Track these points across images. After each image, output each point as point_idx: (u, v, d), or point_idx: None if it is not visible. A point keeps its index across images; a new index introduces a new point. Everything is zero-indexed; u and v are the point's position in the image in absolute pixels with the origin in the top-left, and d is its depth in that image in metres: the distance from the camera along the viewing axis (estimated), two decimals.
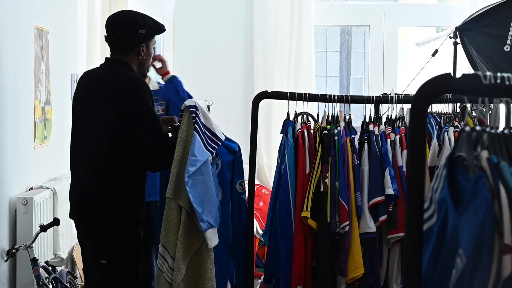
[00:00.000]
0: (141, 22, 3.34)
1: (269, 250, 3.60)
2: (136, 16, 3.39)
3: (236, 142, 3.61)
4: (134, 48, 3.33)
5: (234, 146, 3.58)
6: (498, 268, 1.31)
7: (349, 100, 3.58)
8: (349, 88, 7.61)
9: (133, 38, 3.32)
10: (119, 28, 3.34)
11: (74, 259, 5.09)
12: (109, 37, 3.35)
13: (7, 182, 4.13)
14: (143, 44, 3.34)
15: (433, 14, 6.79)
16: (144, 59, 3.38)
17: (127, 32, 3.32)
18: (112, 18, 3.39)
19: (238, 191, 3.58)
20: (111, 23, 3.36)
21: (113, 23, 3.36)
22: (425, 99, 1.44)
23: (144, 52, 3.36)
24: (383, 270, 3.47)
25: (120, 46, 3.33)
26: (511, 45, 4.72)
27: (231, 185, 3.56)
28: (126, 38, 3.33)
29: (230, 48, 6.37)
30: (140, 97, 3.20)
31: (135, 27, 3.32)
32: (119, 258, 3.26)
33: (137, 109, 3.19)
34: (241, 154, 3.60)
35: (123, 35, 3.33)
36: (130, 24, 3.33)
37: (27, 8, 4.52)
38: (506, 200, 1.34)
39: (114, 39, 3.34)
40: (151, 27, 3.38)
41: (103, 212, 3.23)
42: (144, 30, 3.33)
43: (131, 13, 3.52)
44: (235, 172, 3.57)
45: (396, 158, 3.46)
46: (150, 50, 3.41)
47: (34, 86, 4.59)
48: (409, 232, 1.45)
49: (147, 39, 3.36)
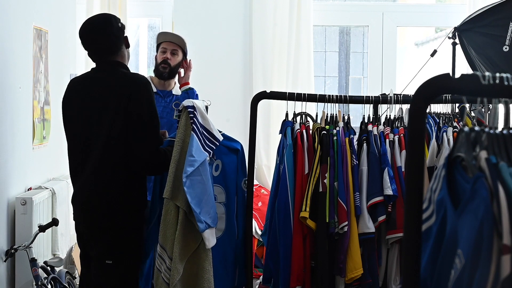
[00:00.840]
0: (114, 17, 3.38)
1: (268, 251, 3.59)
2: (105, 15, 3.42)
3: (238, 141, 3.60)
4: (123, 42, 3.37)
5: (235, 145, 3.57)
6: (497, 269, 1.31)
7: (348, 100, 3.59)
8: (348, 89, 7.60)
9: (119, 34, 3.35)
10: (102, 33, 3.32)
11: (73, 259, 5.09)
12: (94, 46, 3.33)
13: (6, 182, 4.13)
14: (125, 34, 3.39)
15: (432, 15, 6.79)
16: (128, 48, 3.42)
17: (112, 31, 3.33)
18: (87, 28, 3.34)
19: (244, 190, 3.57)
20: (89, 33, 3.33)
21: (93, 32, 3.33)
22: (424, 99, 1.44)
23: (127, 41, 3.40)
24: (382, 270, 3.47)
25: (110, 48, 3.34)
26: (510, 45, 4.72)
27: (236, 185, 3.55)
28: (113, 37, 3.33)
29: (229, 48, 6.37)
30: (145, 98, 3.21)
31: (114, 24, 3.35)
32: (125, 257, 3.27)
33: (141, 109, 3.19)
34: (244, 152, 3.60)
35: (109, 36, 3.32)
36: (109, 23, 3.34)
37: (26, 8, 4.52)
38: (505, 201, 1.34)
39: (101, 44, 3.32)
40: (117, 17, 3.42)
41: (109, 214, 3.23)
42: (120, 23, 3.37)
43: (99, 16, 3.47)
44: (239, 171, 3.56)
45: (395, 159, 3.46)
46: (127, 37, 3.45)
47: (33, 86, 4.59)
48: (408, 232, 1.45)
49: (124, 27, 3.40)
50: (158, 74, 4.40)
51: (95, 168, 3.24)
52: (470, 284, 1.35)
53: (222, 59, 6.35)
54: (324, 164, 3.41)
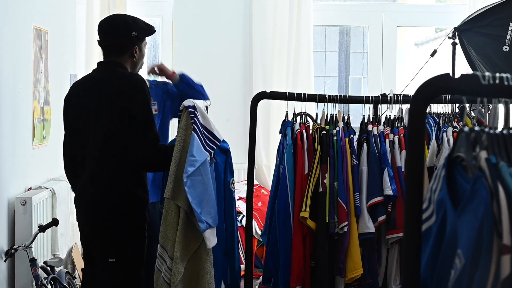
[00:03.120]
0: (132, 24, 3.41)
1: (267, 251, 3.59)
2: (127, 19, 3.45)
3: (225, 141, 3.59)
4: (128, 50, 3.39)
5: (225, 145, 3.58)
6: (497, 269, 1.31)
7: (348, 100, 3.59)
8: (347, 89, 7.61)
9: (127, 40, 3.38)
10: (112, 32, 3.39)
11: (73, 259, 5.09)
12: (103, 41, 3.40)
13: (5, 182, 4.13)
14: (136, 46, 3.40)
15: (431, 15, 6.79)
16: (137, 60, 3.44)
17: (121, 35, 3.38)
18: (104, 22, 3.45)
19: (231, 190, 3.57)
20: (103, 27, 3.42)
21: (106, 27, 3.41)
22: (424, 99, 1.44)
23: (137, 54, 3.42)
24: (381, 270, 3.47)
25: (114, 49, 3.39)
26: (509, 45, 4.72)
27: (224, 184, 3.55)
28: (120, 41, 3.38)
29: (229, 48, 6.37)
30: (141, 97, 3.23)
31: (127, 30, 3.37)
32: (127, 256, 3.28)
33: (138, 108, 3.21)
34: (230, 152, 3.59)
35: (117, 39, 3.38)
36: (122, 27, 3.39)
37: (26, 8, 4.52)
38: (505, 201, 1.34)
39: (108, 42, 3.39)
40: (143, 28, 3.44)
41: (111, 214, 3.24)
42: (136, 32, 3.39)
43: (122, 16, 3.57)
44: (227, 171, 3.56)
45: (395, 159, 3.46)
46: (142, 51, 3.47)
47: (33, 86, 4.59)
48: (408, 232, 1.45)
49: (140, 40, 3.42)
50: None
51: (95, 168, 3.25)
52: (470, 284, 1.35)
53: (222, 59, 6.35)
54: (324, 164, 3.41)
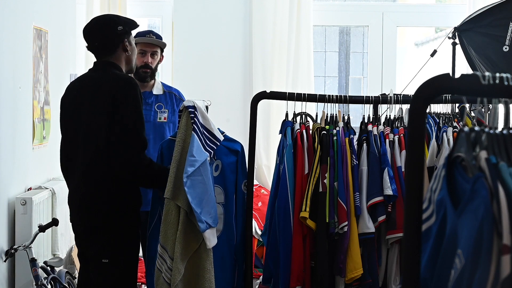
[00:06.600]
0: (116, 20, 3.46)
1: (267, 251, 3.59)
2: (110, 16, 3.54)
3: (238, 142, 3.59)
4: (119, 45, 3.40)
5: (236, 146, 3.57)
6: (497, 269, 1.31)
7: (348, 100, 3.59)
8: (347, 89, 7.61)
9: (115, 35, 3.40)
10: (99, 31, 3.41)
11: (72, 259, 5.09)
12: (92, 43, 3.42)
13: (5, 182, 4.13)
14: (125, 39, 3.42)
15: (431, 15, 6.79)
16: (130, 54, 3.46)
17: (108, 32, 3.40)
18: (88, 26, 3.46)
19: (244, 192, 3.57)
20: (89, 30, 3.43)
21: (92, 29, 3.43)
22: (424, 99, 1.44)
23: (129, 48, 3.43)
24: (381, 271, 3.47)
25: (105, 48, 3.40)
26: (509, 45, 4.72)
27: (236, 187, 3.54)
28: (109, 38, 3.40)
29: (229, 49, 6.37)
30: (131, 100, 3.21)
31: (113, 26, 3.40)
32: (121, 256, 3.28)
33: (127, 112, 3.21)
34: (244, 153, 3.59)
35: (105, 36, 3.40)
36: (107, 24, 3.42)
37: (26, 8, 4.52)
38: (505, 201, 1.34)
39: (98, 43, 3.41)
40: (127, 22, 3.48)
41: (103, 214, 3.24)
42: (121, 26, 3.42)
43: (104, 16, 3.64)
44: (239, 173, 3.55)
45: (395, 159, 3.46)
46: (133, 45, 3.48)
47: (32, 86, 4.58)
48: (408, 232, 1.45)
49: (127, 34, 3.44)
50: (139, 77, 4.23)
51: (87, 167, 3.25)
52: (470, 284, 1.35)
53: (222, 59, 6.35)
54: (324, 164, 3.41)
